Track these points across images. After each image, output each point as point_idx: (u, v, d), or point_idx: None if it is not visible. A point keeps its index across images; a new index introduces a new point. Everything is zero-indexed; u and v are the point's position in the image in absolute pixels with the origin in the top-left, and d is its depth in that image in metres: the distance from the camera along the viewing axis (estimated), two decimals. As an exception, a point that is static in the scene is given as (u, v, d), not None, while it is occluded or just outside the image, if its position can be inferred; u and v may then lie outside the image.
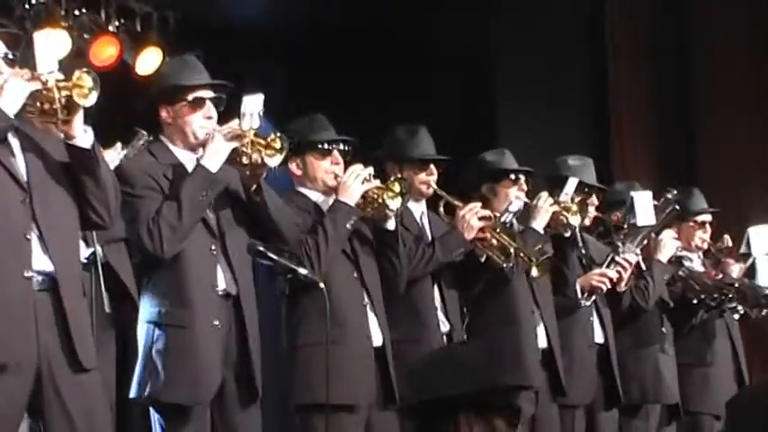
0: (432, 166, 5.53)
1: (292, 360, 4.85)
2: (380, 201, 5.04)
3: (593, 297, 6.06)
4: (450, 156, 5.62)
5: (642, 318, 6.39)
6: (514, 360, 5.50)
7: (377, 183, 5.05)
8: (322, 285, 4.50)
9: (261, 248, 4.40)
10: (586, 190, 6.08)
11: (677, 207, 6.48)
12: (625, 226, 6.25)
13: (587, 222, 6.22)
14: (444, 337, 5.37)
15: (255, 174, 4.51)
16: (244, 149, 4.47)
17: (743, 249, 6.95)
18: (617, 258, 6.14)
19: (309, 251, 4.81)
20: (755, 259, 6.79)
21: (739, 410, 3.02)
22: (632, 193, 6.29)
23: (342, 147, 5.10)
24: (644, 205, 6.20)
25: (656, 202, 6.29)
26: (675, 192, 6.52)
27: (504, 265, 5.50)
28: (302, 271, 4.51)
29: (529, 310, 5.66)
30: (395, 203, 5.03)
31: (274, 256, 4.42)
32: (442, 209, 5.64)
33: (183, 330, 4.33)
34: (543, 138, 7.97)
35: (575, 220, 5.84)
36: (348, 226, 4.92)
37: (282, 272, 4.55)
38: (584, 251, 6.15)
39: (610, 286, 6.07)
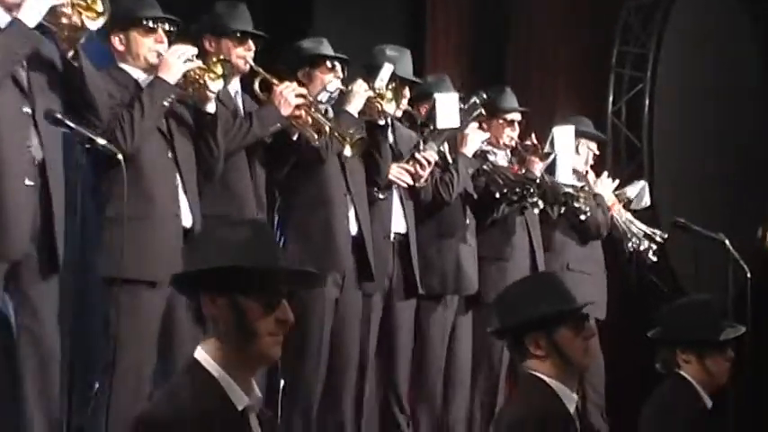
0: (250, 42, 5.49)
1: (98, 232, 4.78)
2: (202, 82, 4.98)
3: (393, 190, 6.11)
4: (268, 41, 5.58)
5: (445, 210, 6.49)
6: (325, 243, 5.54)
7: (199, 63, 5.00)
8: (120, 157, 4.43)
9: (58, 116, 4.32)
10: (399, 81, 6.10)
11: (483, 112, 6.57)
12: (431, 127, 6.32)
13: (399, 114, 6.26)
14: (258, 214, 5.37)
15: (74, 37, 4.40)
16: (63, 9, 4.34)
17: (547, 149, 7.12)
18: (416, 155, 6.20)
19: (123, 124, 4.75)
20: (556, 156, 6.96)
21: None
22: (435, 95, 6.34)
23: (167, 26, 5.04)
24: (448, 107, 6.25)
25: (463, 105, 6.37)
26: (484, 95, 6.60)
27: (317, 143, 5.49)
28: (100, 141, 4.41)
29: (341, 193, 5.68)
30: (216, 85, 5.00)
31: (72, 124, 4.32)
32: (257, 86, 5.59)
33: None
34: (360, 28, 7.94)
35: (389, 108, 5.86)
36: (165, 103, 4.87)
37: (81, 141, 4.44)
38: (394, 141, 6.20)
39: (410, 182, 6.14)
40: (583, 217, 7.34)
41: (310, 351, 5.50)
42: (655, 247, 7.60)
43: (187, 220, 4.95)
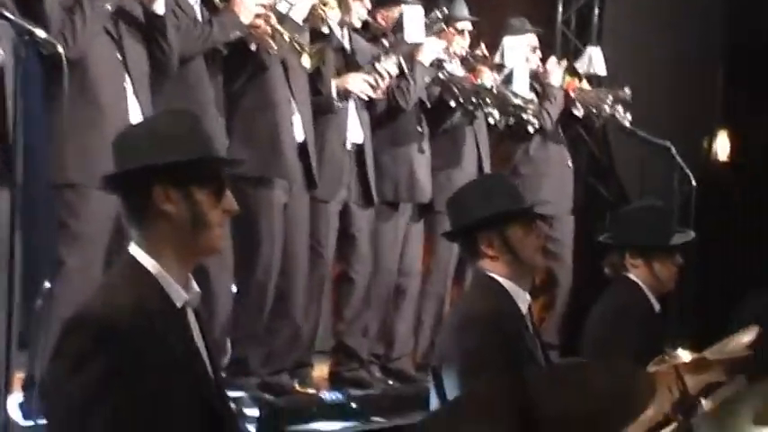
0: None
1: (46, 138, 4.73)
2: None
3: (350, 99, 6.09)
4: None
5: (400, 118, 6.48)
6: (271, 149, 5.51)
7: None
8: (60, 49, 4.30)
9: None
10: None
11: (444, 25, 6.55)
12: (391, 37, 6.29)
13: (357, 24, 6.20)
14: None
15: None
16: None
17: (497, 59, 7.13)
18: (377, 66, 6.17)
19: (67, 25, 4.65)
20: (513, 68, 6.98)
21: None
22: (403, 7, 6.32)
23: None
24: (415, 21, 6.25)
25: (426, 20, 6.35)
26: (445, 10, 6.59)
27: (276, 53, 5.44)
28: (40, 34, 4.31)
29: (286, 100, 5.63)
30: None
31: (10, 16, 4.22)
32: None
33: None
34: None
35: (333, 15, 5.81)
36: (108, 6, 4.78)
37: (20, 32, 4.34)
38: (348, 50, 6.17)
39: (371, 93, 6.11)
40: (531, 129, 7.40)
41: (261, 255, 5.49)
42: (624, 110, 7.64)
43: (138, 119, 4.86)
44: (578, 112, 7.74)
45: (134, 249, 2.89)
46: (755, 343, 3.64)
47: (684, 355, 3.36)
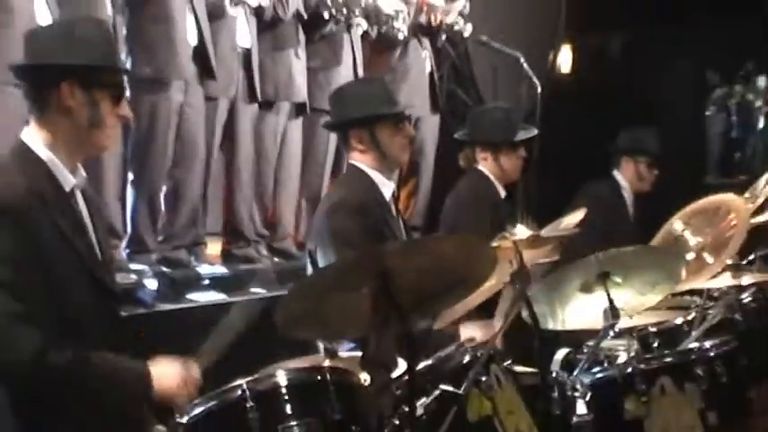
0: None
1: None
2: None
3: (239, 5, 6.02)
4: None
5: (280, 26, 6.43)
6: (168, 55, 5.44)
7: None
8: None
9: None
10: None
11: None
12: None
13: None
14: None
15: None
16: None
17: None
18: None
19: None
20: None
21: None
22: None
23: None
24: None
25: None
26: None
27: None
28: None
29: (182, 8, 5.54)
30: None
31: None
32: None
33: None
34: None
35: None
36: None
37: None
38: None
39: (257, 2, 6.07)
40: (400, 36, 7.42)
41: (156, 146, 5.45)
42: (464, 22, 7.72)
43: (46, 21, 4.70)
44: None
45: (26, 137, 2.91)
46: (581, 223, 3.79)
47: (522, 232, 3.46)
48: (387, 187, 4.05)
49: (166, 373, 2.87)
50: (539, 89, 6.39)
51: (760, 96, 13.07)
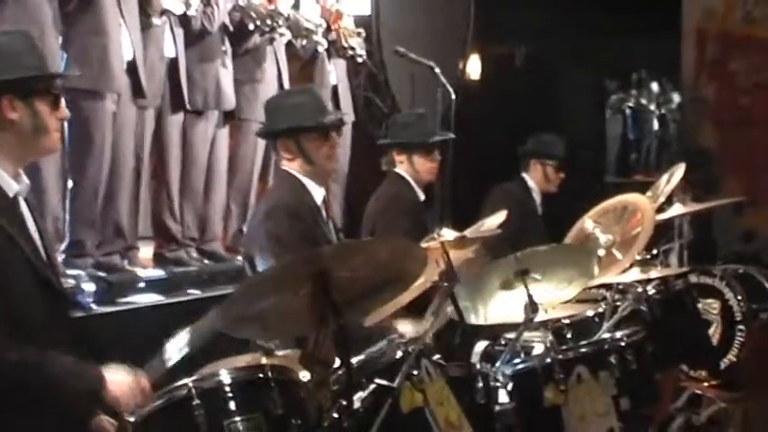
0: None
1: None
2: None
3: (164, 17, 5.97)
4: None
5: (207, 38, 6.38)
6: (101, 68, 5.36)
7: None
8: None
9: None
10: None
11: None
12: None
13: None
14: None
15: None
16: None
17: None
18: None
19: None
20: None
21: None
22: None
23: None
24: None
25: None
26: None
27: None
28: None
29: (117, 23, 5.47)
30: None
31: None
32: None
33: None
34: None
35: None
36: None
37: None
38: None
39: (182, 9, 6.01)
40: (320, 49, 7.43)
41: (94, 155, 5.37)
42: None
43: None
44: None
45: None
46: (503, 224, 3.84)
47: (449, 234, 3.50)
48: (317, 192, 4.05)
49: (118, 379, 2.85)
50: (452, 95, 6.43)
51: (653, 101, 13.40)
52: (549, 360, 3.69)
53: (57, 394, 2.78)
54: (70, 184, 5.36)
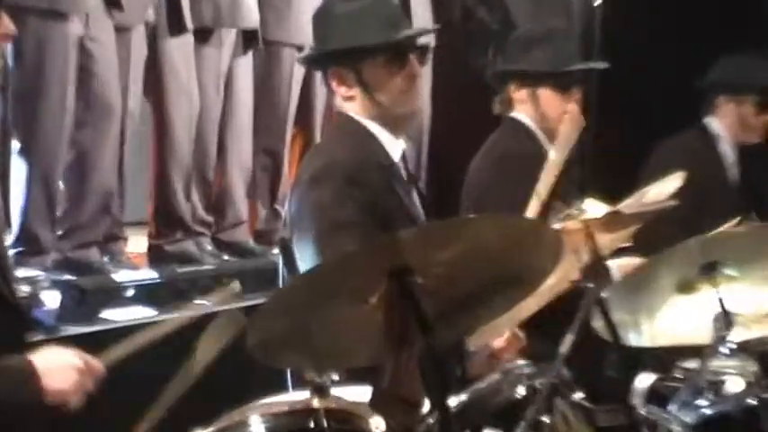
0: None
1: None
2: None
3: None
4: None
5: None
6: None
7: None
8: None
9: None
10: None
11: None
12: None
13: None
14: None
15: None
16: None
17: None
18: None
19: None
20: None
21: None
22: None
23: None
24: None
25: None
26: None
27: None
28: None
29: None
30: None
31: None
32: None
33: None
34: None
35: None
36: None
37: None
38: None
39: None
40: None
41: (48, 99, 5.47)
42: None
43: None
44: None
45: None
46: (680, 193, 3.77)
47: (595, 209, 3.46)
48: (393, 145, 4.05)
49: (56, 364, 3.00)
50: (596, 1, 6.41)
51: None
52: (752, 401, 3.66)
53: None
54: (16, 146, 5.43)
